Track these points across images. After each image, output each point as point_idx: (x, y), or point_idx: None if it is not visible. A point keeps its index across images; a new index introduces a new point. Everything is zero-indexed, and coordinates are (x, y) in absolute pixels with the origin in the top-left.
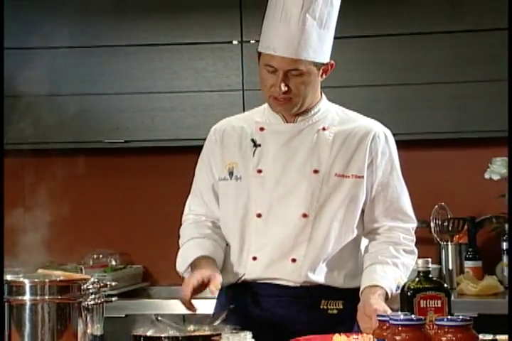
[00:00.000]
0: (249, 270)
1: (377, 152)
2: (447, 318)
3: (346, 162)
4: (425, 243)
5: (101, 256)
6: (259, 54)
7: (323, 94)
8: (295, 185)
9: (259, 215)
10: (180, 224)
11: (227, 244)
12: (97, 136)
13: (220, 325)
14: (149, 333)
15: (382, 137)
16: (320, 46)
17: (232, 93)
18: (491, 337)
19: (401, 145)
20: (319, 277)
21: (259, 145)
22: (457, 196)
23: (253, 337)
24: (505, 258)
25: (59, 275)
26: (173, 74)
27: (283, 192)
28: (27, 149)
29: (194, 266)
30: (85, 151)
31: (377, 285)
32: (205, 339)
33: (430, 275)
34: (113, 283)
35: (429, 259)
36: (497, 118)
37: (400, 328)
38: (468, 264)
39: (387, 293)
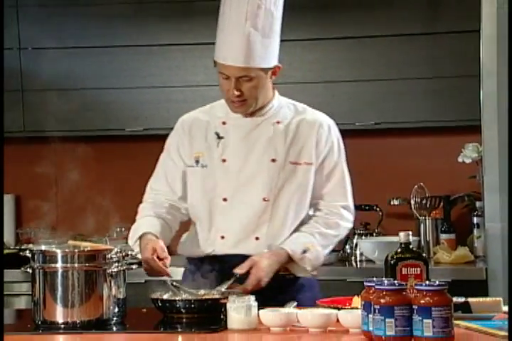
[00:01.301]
0: (217, 247)
1: (322, 141)
2: (425, 283)
3: (298, 151)
4: (406, 218)
5: (123, 229)
6: (215, 62)
7: (275, 91)
8: (256, 172)
9: (224, 199)
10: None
11: (193, 224)
12: (120, 125)
13: (226, 290)
14: (165, 296)
15: (326, 127)
16: (265, 53)
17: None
18: (463, 299)
19: (385, 133)
20: None
21: (223, 137)
22: (434, 177)
23: None
24: (475, 231)
25: (86, 246)
26: (186, 70)
27: (245, 178)
28: (58, 136)
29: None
30: (109, 138)
31: (281, 248)
32: (214, 302)
33: (411, 246)
34: (133, 253)
35: (410, 232)
36: (469, 109)
37: (384, 292)
38: (443, 236)
39: (288, 253)
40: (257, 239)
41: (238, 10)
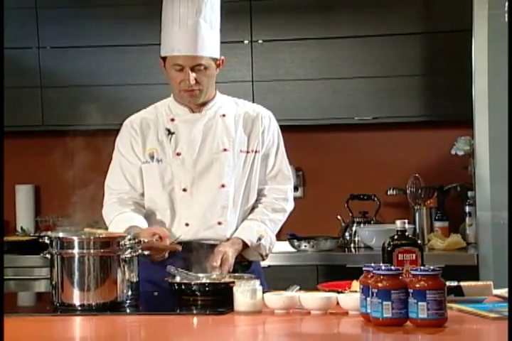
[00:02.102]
0: (183, 235)
1: (264, 129)
2: (420, 268)
3: (246, 140)
4: (402, 207)
5: None
6: (164, 58)
7: (216, 89)
8: (210, 162)
9: (184, 189)
10: None
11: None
12: None
13: (237, 275)
14: (178, 280)
15: (267, 118)
16: (213, 44)
17: (244, 84)
18: (455, 283)
19: (382, 127)
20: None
21: (173, 133)
22: (428, 168)
23: None
24: (467, 220)
25: (101, 233)
26: None
27: (201, 169)
28: (74, 129)
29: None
30: None
31: (237, 237)
32: (226, 285)
33: (406, 234)
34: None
35: (406, 220)
36: (461, 104)
37: (381, 277)
38: (437, 224)
39: (245, 243)
40: (219, 223)
41: (187, 3)
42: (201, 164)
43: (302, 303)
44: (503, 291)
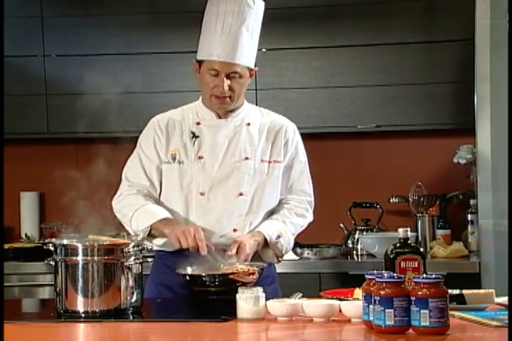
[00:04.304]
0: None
1: (287, 140)
2: (422, 276)
3: (269, 150)
4: (404, 215)
5: None
6: (200, 62)
7: (244, 98)
8: (231, 169)
9: (202, 193)
10: None
11: None
12: (136, 127)
13: (248, 263)
14: (190, 272)
15: (292, 130)
16: (251, 54)
17: (248, 92)
18: (458, 291)
19: (385, 135)
20: None
21: (198, 136)
22: (431, 176)
23: None
24: (469, 228)
25: (105, 240)
26: None
27: (221, 175)
28: (78, 137)
29: (163, 223)
30: (126, 139)
31: (258, 231)
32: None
33: (409, 241)
34: (149, 247)
35: (408, 228)
36: (463, 113)
37: (384, 284)
38: (439, 232)
39: (266, 238)
40: (234, 230)
41: (232, 11)
42: (222, 170)
43: (305, 310)
44: (505, 299)
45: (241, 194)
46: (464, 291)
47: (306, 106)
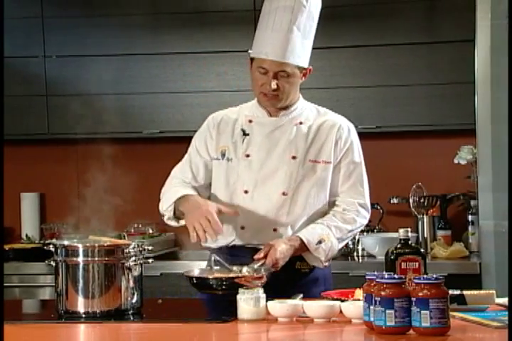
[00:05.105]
0: (238, 237)
1: (341, 141)
2: (423, 277)
3: (318, 150)
4: (405, 216)
5: (140, 225)
6: (252, 59)
7: (300, 95)
8: (276, 168)
9: (246, 191)
10: None
11: None
12: (138, 128)
13: (258, 267)
14: (196, 274)
15: (346, 129)
16: (302, 53)
17: (248, 92)
18: (458, 292)
19: (386, 136)
20: None
21: (248, 134)
22: (431, 177)
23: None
24: (470, 228)
25: (106, 240)
26: (200, 77)
27: (266, 173)
28: (79, 138)
29: (183, 200)
30: (128, 140)
31: (296, 235)
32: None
33: (409, 242)
34: (150, 248)
35: (409, 229)
36: (464, 113)
37: (384, 285)
38: (440, 233)
39: (303, 242)
40: (275, 230)
41: (284, 9)
42: (267, 168)
43: (305, 311)
44: (506, 300)
45: (284, 193)
46: (465, 292)
47: None
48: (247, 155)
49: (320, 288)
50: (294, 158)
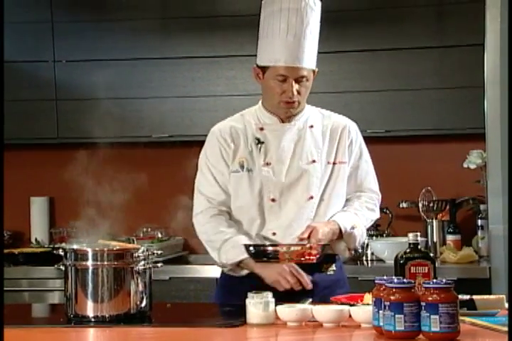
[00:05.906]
0: (270, 242)
1: (351, 141)
2: (433, 281)
3: (334, 152)
4: (414, 220)
5: (149, 229)
6: (263, 68)
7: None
8: (300, 173)
9: (273, 200)
10: None
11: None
12: (147, 132)
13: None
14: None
15: (353, 129)
16: (314, 55)
17: (257, 97)
18: (468, 296)
19: (394, 140)
20: None
21: (263, 142)
22: (441, 181)
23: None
24: (479, 233)
25: (115, 245)
26: (209, 81)
27: (290, 180)
28: (89, 142)
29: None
30: (137, 144)
31: (334, 220)
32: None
33: (419, 247)
34: (159, 252)
35: (418, 233)
36: (473, 117)
37: (394, 290)
38: (449, 237)
39: (340, 229)
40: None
41: (296, 14)
42: (290, 175)
43: (314, 316)
44: None
45: (311, 197)
46: (475, 297)
47: None
48: (267, 164)
49: (344, 289)
50: (314, 161)
